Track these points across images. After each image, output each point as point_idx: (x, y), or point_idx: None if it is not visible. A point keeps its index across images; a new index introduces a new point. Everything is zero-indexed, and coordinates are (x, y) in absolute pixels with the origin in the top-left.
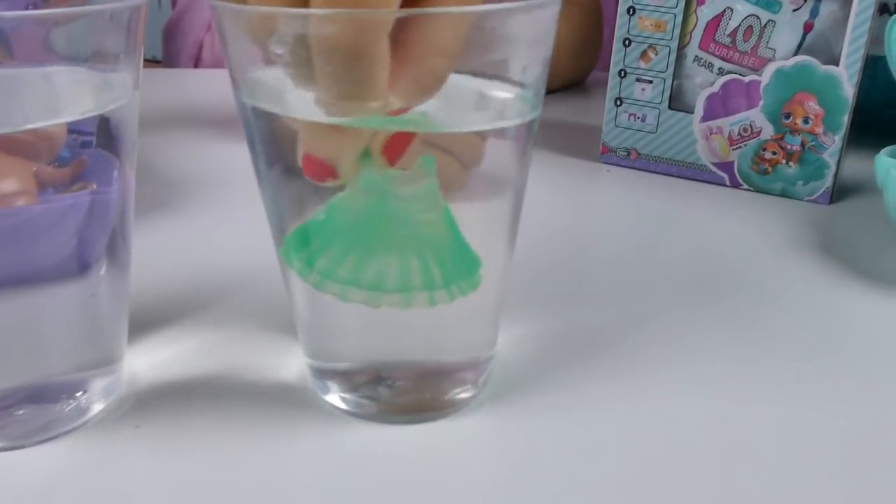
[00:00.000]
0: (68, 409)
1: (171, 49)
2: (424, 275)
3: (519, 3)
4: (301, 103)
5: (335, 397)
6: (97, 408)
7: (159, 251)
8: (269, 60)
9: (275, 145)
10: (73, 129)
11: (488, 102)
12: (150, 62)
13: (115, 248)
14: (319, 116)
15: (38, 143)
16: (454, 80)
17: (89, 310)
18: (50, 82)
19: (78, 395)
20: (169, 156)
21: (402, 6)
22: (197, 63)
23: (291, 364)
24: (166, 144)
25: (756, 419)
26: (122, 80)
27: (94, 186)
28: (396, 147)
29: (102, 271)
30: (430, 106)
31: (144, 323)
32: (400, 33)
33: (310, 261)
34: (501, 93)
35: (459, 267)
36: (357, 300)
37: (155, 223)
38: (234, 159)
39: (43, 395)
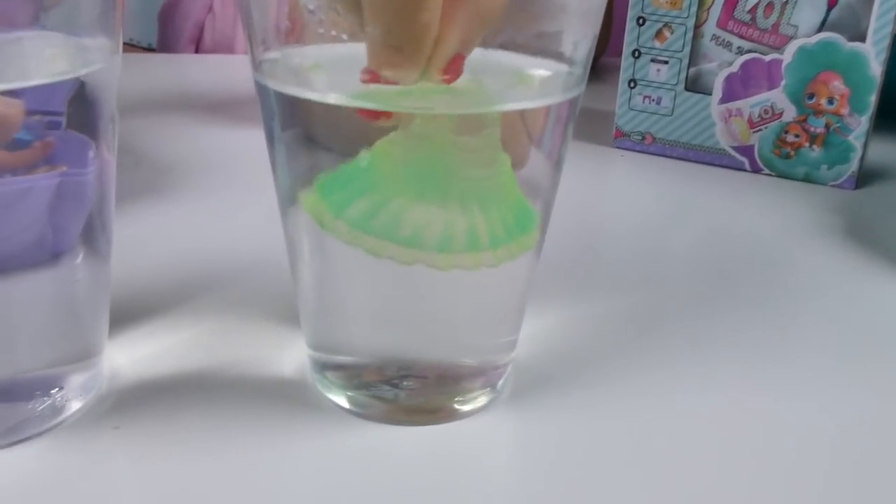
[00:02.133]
0: (42, 407)
1: (168, 33)
2: (470, 233)
3: None
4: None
5: (339, 395)
6: (74, 406)
7: (148, 239)
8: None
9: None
10: (39, 108)
11: (534, 78)
12: (146, 50)
13: (93, 235)
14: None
15: None
16: (499, 56)
17: (64, 300)
18: (20, 46)
19: (53, 392)
20: (163, 141)
21: None
22: (198, 46)
23: (289, 357)
24: (162, 129)
25: (785, 413)
26: (98, 44)
27: (65, 169)
28: (457, 67)
29: (79, 259)
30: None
31: (129, 314)
32: None
33: (339, 208)
34: (548, 70)
35: (510, 228)
36: (390, 256)
37: (146, 210)
38: (230, 144)
39: (13, 392)
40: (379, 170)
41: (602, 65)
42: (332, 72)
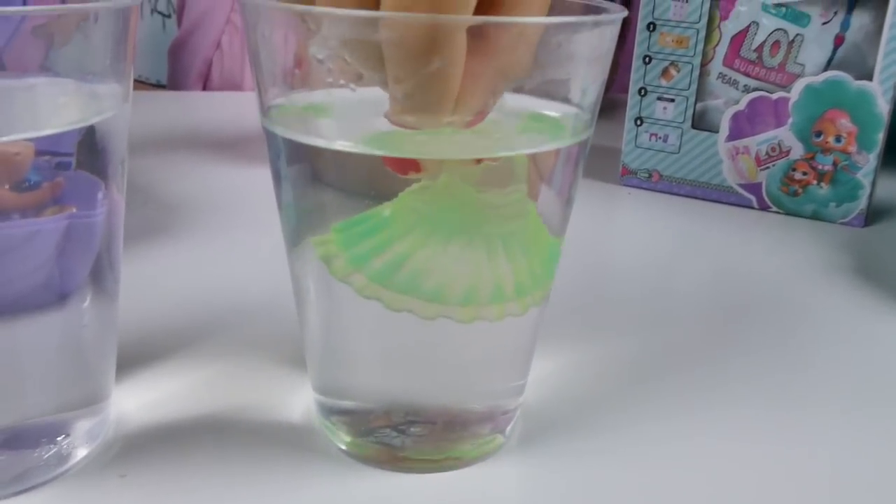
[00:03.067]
0: (48, 455)
1: (177, 70)
2: (496, 285)
3: (586, 18)
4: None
5: (345, 441)
6: (80, 453)
7: (155, 279)
8: (307, 68)
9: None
10: (48, 149)
11: (544, 120)
12: (156, 86)
13: (101, 277)
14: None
15: None
16: (511, 99)
17: (72, 343)
18: (32, 93)
19: (59, 439)
20: (171, 179)
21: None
22: (206, 83)
23: (296, 401)
24: (170, 167)
25: (797, 457)
26: (110, 90)
27: (74, 210)
28: (477, 121)
29: (87, 302)
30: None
31: (135, 358)
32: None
33: (360, 260)
34: (558, 112)
35: (537, 276)
36: (409, 309)
37: (152, 249)
38: (238, 183)
39: (19, 439)
40: (402, 222)
41: (609, 101)
42: (341, 117)
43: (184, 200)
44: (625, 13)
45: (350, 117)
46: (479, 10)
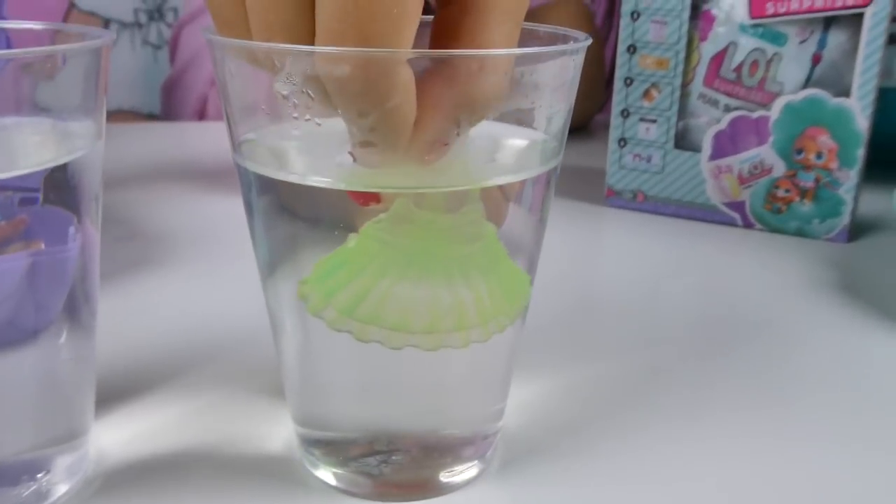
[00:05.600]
0: (27, 493)
1: (172, 105)
2: (458, 311)
3: (551, 48)
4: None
5: (326, 472)
6: (60, 490)
7: (135, 312)
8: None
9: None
10: (10, 185)
11: (508, 151)
12: (148, 118)
13: (77, 312)
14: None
15: None
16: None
17: (48, 378)
18: (7, 133)
19: (39, 476)
20: (160, 211)
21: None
22: (201, 119)
23: (277, 433)
24: (158, 199)
25: (784, 474)
26: (84, 128)
27: (42, 246)
28: (437, 151)
29: (62, 337)
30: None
31: (115, 392)
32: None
33: (329, 294)
34: (523, 140)
35: (497, 300)
36: (377, 340)
37: (135, 282)
38: (223, 213)
39: None
40: (365, 252)
41: (594, 124)
42: (310, 152)
43: (171, 232)
44: (589, 41)
45: (318, 153)
46: (441, 35)
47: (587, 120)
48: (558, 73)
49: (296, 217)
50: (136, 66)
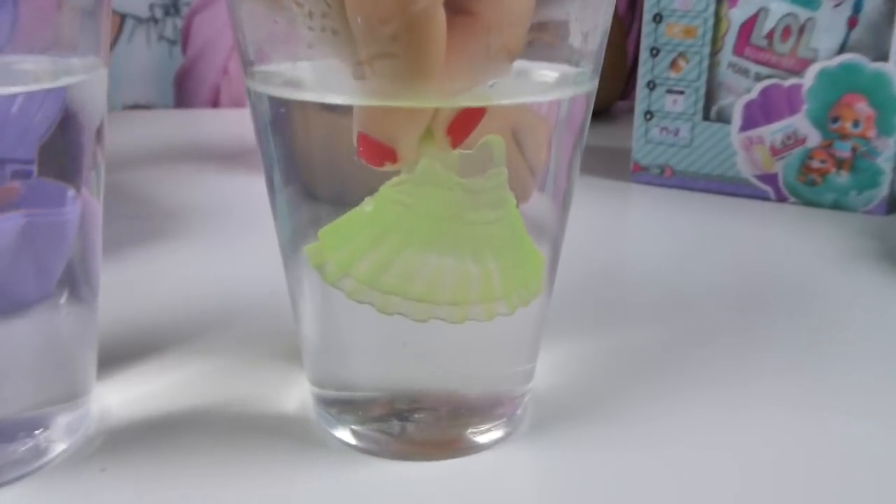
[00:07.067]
0: (24, 449)
1: (184, 95)
2: (484, 282)
3: None
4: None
5: (345, 431)
6: (59, 448)
7: (149, 281)
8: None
9: (291, 149)
10: (2, 156)
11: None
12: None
13: (77, 278)
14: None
15: None
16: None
17: (47, 341)
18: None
19: (36, 433)
20: (179, 190)
21: None
22: (214, 108)
23: (291, 394)
24: (170, 178)
25: (823, 444)
26: (85, 63)
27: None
28: (463, 127)
29: (62, 300)
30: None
31: (127, 354)
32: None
33: (346, 263)
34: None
35: (521, 272)
36: (401, 312)
37: (148, 253)
38: (239, 191)
39: None
40: (385, 218)
41: (616, 109)
42: (325, 71)
43: (186, 208)
44: None
45: (333, 71)
46: None
47: (608, 106)
48: None
49: (315, 196)
50: (151, 61)
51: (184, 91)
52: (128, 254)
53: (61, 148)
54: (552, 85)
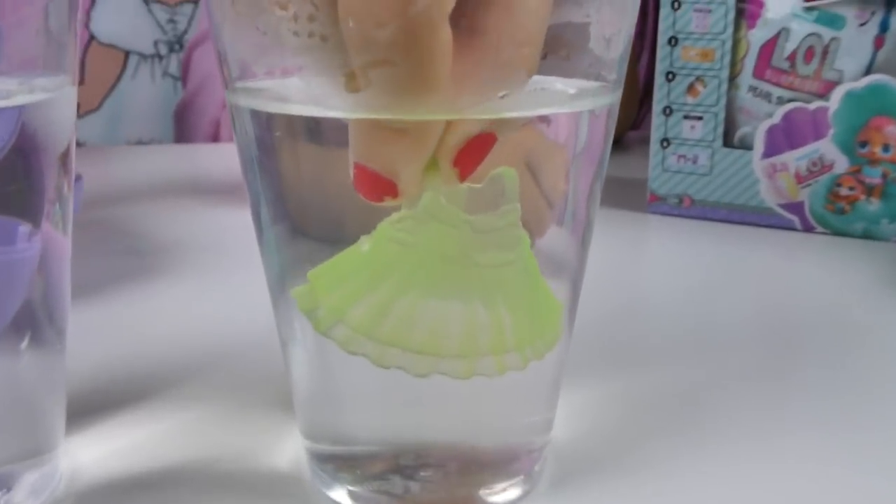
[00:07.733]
0: None
1: (184, 130)
2: (494, 332)
3: None
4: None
5: (341, 492)
6: None
7: (131, 322)
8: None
9: (280, 182)
10: None
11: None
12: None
13: (37, 323)
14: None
15: None
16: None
17: (7, 390)
18: None
19: (1, 493)
20: (163, 224)
21: None
22: (214, 142)
23: (283, 448)
24: (163, 213)
25: (862, 493)
26: (52, 82)
27: None
28: (472, 156)
29: (21, 349)
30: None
31: (103, 405)
32: (471, 16)
33: (339, 308)
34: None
35: (536, 321)
36: (399, 366)
37: (139, 291)
38: (231, 226)
39: None
40: (383, 259)
41: (628, 139)
42: (313, 81)
43: (177, 244)
44: None
45: (322, 81)
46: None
47: (620, 136)
48: None
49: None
50: (156, 97)
51: (184, 125)
52: (115, 292)
53: (14, 176)
54: (571, 96)
